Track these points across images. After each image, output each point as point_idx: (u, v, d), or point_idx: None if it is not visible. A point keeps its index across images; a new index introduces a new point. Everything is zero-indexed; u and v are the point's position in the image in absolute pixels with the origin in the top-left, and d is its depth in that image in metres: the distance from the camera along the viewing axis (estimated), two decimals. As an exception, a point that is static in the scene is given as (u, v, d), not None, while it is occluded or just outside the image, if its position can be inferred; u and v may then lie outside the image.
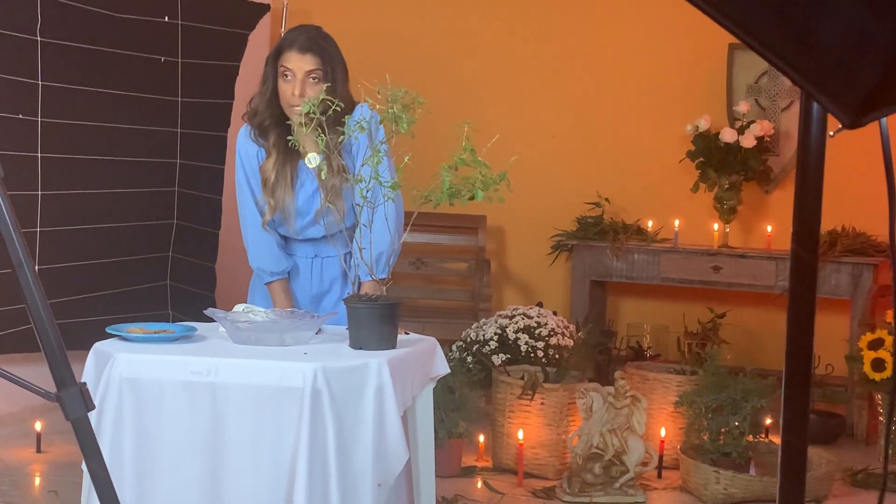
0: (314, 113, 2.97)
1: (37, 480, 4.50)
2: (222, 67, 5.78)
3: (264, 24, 6.11)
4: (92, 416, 2.81)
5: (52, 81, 4.86)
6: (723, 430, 4.52)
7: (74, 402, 1.63)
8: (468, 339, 5.27)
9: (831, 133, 0.99)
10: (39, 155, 4.84)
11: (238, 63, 5.81)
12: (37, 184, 4.86)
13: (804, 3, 0.82)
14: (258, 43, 5.94)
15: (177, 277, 5.75)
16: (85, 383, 1.65)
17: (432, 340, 3.28)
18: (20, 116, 4.75)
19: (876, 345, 5.06)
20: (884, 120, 0.97)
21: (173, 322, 4.29)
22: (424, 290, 6.46)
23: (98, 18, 5.06)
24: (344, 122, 3.04)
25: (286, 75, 3.39)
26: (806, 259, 1.03)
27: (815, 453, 4.78)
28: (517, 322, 5.21)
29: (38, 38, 4.78)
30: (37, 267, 4.79)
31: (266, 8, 6.14)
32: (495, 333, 5.18)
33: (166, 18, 5.47)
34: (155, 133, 5.51)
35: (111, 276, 5.37)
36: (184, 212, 5.71)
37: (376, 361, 2.85)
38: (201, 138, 5.61)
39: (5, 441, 4.84)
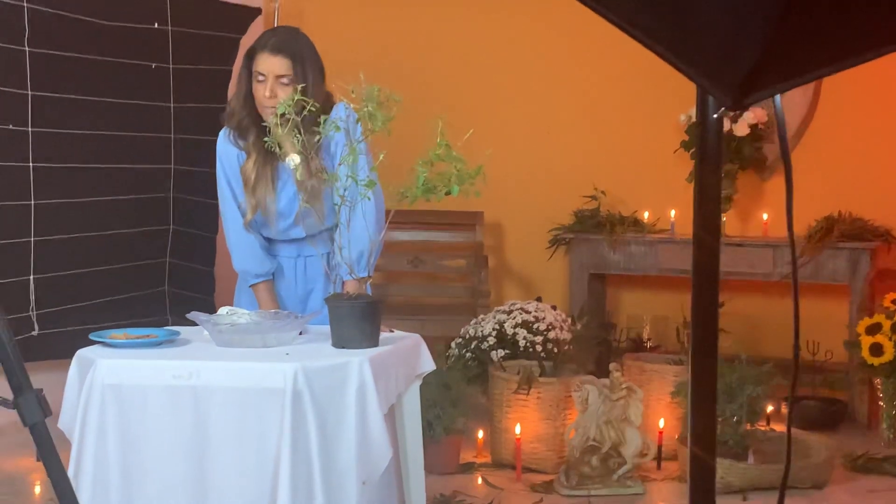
0: (289, 114, 2.97)
1: (37, 489, 4.52)
2: (214, 72, 5.80)
3: (256, 27, 6.12)
4: (76, 421, 2.86)
5: (42, 91, 4.88)
6: (720, 418, 4.50)
7: (31, 408, 1.64)
8: (467, 336, 5.27)
9: (714, 115, 0.99)
10: (31, 165, 4.86)
11: (230, 67, 5.81)
12: (29, 194, 4.87)
13: (678, -13, 0.82)
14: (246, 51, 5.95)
15: (175, 283, 5.77)
16: (41, 389, 1.66)
17: (416, 337, 3.28)
18: (10, 127, 4.77)
19: (874, 329, 5.04)
20: (777, 98, 0.97)
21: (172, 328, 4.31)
22: (423, 287, 6.47)
23: (86, 27, 5.07)
24: (320, 123, 3.04)
25: (258, 77, 3.40)
26: (708, 243, 1.04)
27: (815, 439, 4.77)
28: (515, 317, 5.20)
29: (27, 49, 4.80)
30: (32, 276, 4.85)
31: (257, 11, 6.15)
32: (493, 329, 5.18)
33: (156, 25, 5.48)
34: (148, 139, 5.53)
35: (109, 284, 5.39)
36: (180, 217, 5.73)
37: (357, 360, 2.85)
38: (195, 143, 5.62)
39: (5, 450, 4.86)
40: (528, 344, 5.08)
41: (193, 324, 3.14)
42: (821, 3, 0.82)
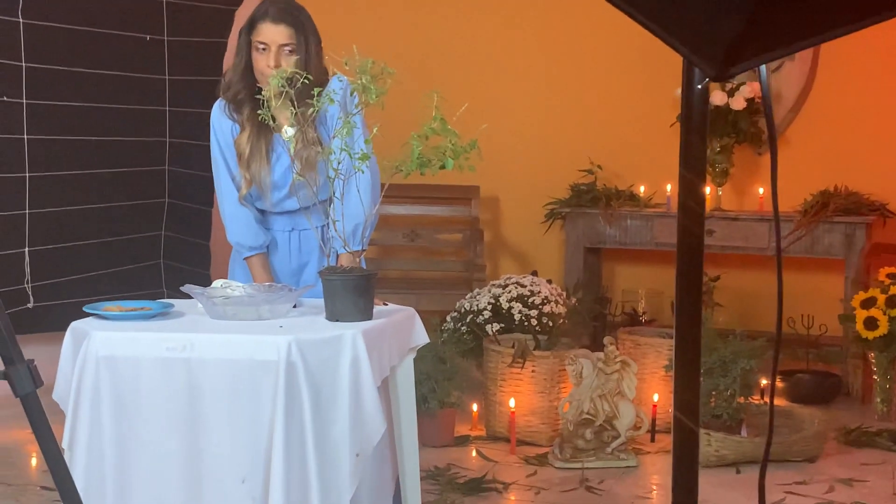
0: (283, 87, 2.97)
1: (33, 461, 4.53)
2: (210, 44, 5.78)
3: (251, -1, 6.08)
4: (70, 393, 2.86)
5: (36, 63, 4.87)
6: (713, 392, 4.52)
7: (22, 379, 1.64)
8: (462, 310, 5.28)
9: (699, 86, 0.99)
10: (25, 137, 4.86)
11: (226, 39, 5.79)
12: (24, 166, 4.87)
13: (662, -44, 0.82)
14: (246, 19, 5.92)
15: (170, 256, 5.78)
16: (33, 360, 1.66)
17: (410, 310, 3.28)
18: (4, 99, 4.76)
19: (868, 304, 5.05)
20: (763, 68, 0.96)
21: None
22: (419, 261, 6.47)
23: (80, -2, 5.06)
24: (314, 95, 3.02)
25: (260, 47, 3.39)
26: (693, 210, 1.04)
27: (807, 412, 4.80)
28: (510, 291, 5.22)
29: (21, 20, 4.78)
30: (27, 249, 4.85)
31: (253, -17, 6.12)
32: (489, 303, 5.19)
33: (150, -3, 5.46)
34: (143, 112, 5.52)
35: (104, 257, 5.40)
36: (175, 190, 5.73)
37: (351, 333, 2.85)
38: (190, 116, 5.60)
39: (1, 422, 4.87)
40: (523, 318, 5.09)
41: (188, 296, 3.14)
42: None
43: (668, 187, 5.99)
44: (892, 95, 5.82)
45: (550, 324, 5.11)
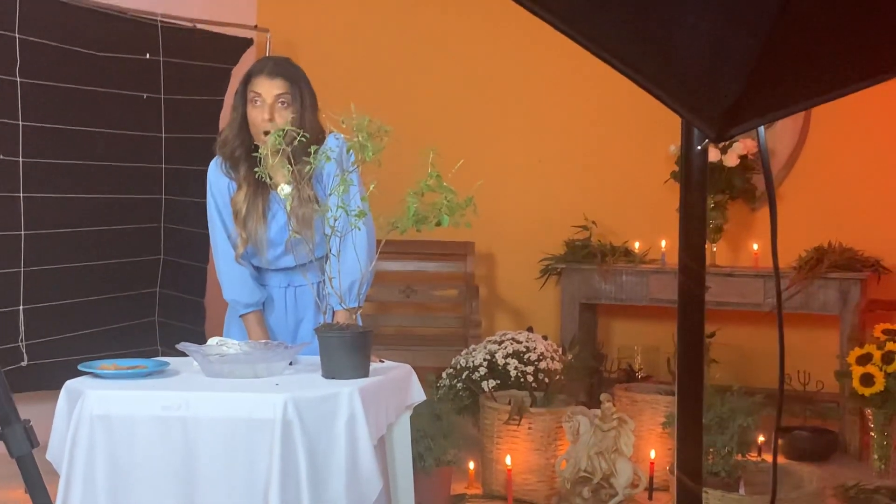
0: (280, 144, 2.98)
1: (25, 520, 4.48)
2: (206, 102, 5.81)
3: (248, 57, 6.13)
4: (64, 453, 2.84)
5: (33, 121, 4.89)
6: (710, 449, 4.49)
7: (18, 440, 1.63)
8: (458, 366, 5.26)
9: (699, 147, 0.99)
10: (21, 195, 4.86)
11: (222, 97, 5.84)
12: (20, 223, 4.87)
13: (662, 19, 0.83)
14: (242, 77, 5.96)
15: (165, 313, 5.76)
16: (29, 420, 1.65)
17: (407, 368, 3.27)
18: (1, 157, 4.77)
19: (864, 360, 5.04)
20: (761, 129, 0.97)
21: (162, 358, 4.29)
22: (415, 317, 6.46)
23: (78, 57, 5.09)
24: (311, 152, 3.04)
25: (255, 101, 3.42)
26: (694, 271, 1.04)
27: (805, 470, 4.75)
28: (506, 347, 5.20)
29: (18, 79, 4.80)
30: (21, 307, 4.83)
31: (249, 42, 6.17)
32: (484, 359, 5.17)
33: (147, 55, 5.50)
34: (139, 169, 5.53)
35: (99, 314, 5.38)
36: (170, 247, 5.73)
37: (347, 390, 2.84)
38: (186, 173, 5.63)
39: (-7, 482, 4.83)
40: (519, 374, 5.06)
41: (183, 354, 3.13)
42: (801, 37, 0.83)
43: (663, 243, 6.00)
44: (884, 152, 5.85)
45: (546, 380, 5.08)
